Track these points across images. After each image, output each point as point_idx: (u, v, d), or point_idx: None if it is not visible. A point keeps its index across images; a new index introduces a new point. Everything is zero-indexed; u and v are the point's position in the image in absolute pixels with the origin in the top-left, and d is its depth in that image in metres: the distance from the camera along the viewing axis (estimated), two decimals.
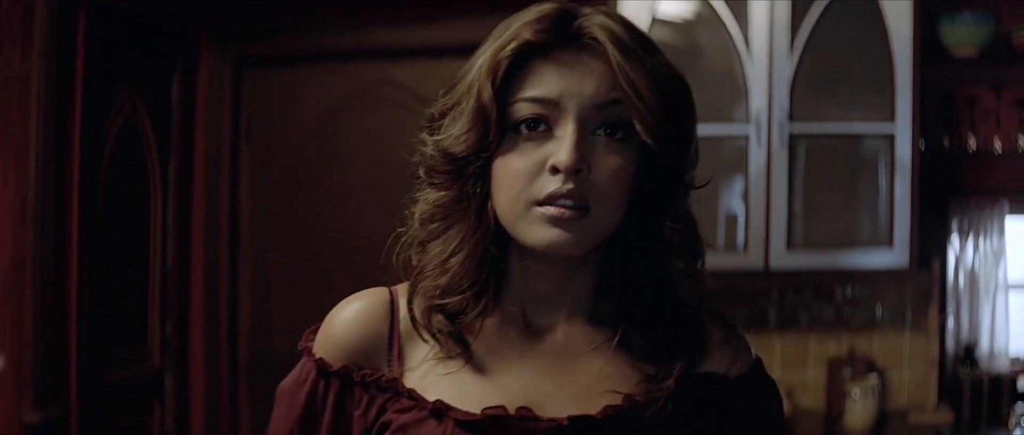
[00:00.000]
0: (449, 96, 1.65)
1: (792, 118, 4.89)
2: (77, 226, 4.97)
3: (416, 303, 1.68)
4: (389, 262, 1.72)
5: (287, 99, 6.60)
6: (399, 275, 1.72)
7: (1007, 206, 5.94)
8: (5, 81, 4.61)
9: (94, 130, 5.22)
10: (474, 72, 1.62)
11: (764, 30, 4.89)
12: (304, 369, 1.72)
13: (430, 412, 1.62)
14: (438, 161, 1.66)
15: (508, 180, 1.58)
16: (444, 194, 1.65)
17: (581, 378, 1.66)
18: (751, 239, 4.90)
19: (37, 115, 4.67)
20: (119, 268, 5.63)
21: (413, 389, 1.65)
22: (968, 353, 5.68)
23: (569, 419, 1.60)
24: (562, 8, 1.63)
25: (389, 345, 1.70)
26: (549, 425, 1.60)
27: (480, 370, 1.67)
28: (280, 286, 6.69)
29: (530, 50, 1.60)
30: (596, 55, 1.59)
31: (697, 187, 1.69)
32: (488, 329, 1.68)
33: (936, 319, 5.62)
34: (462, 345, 1.66)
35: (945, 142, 5.57)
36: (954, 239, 5.93)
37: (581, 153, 1.54)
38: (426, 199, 1.67)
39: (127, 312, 5.77)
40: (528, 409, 1.62)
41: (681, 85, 1.64)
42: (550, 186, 1.54)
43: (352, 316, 1.72)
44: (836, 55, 5.07)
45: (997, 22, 5.60)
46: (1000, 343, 5.97)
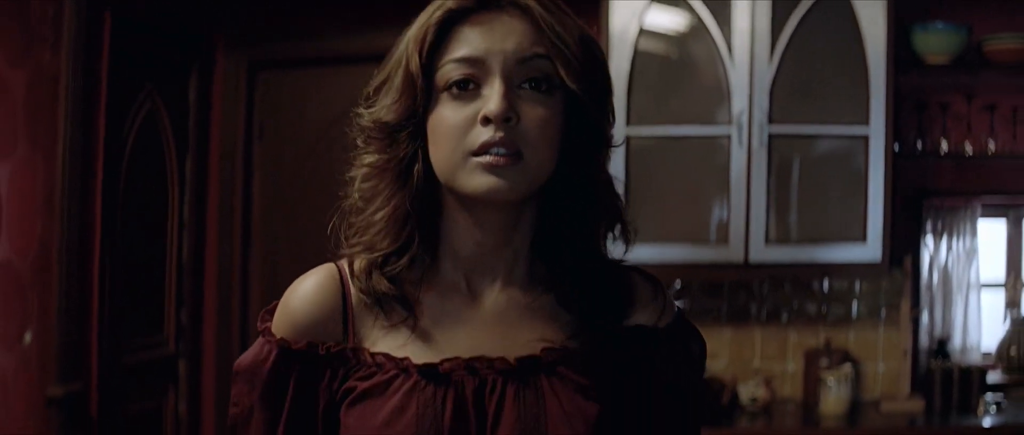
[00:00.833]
0: (382, 71, 1.74)
1: (771, 120, 5.09)
2: (100, 216, 5.11)
3: (356, 266, 1.75)
4: (334, 231, 1.78)
5: (298, 100, 6.82)
6: (342, 243, 1.78)
7: (979, 208, 6.15)
8: (35, 78, 4.72)
9: (117, 126, 5.38)
10: (403, 44, 1.71)
11: (746, 38, 5.08)
12: (263, 348, 1.75)
13: (393, 370, 1.68)
14: (372, 130, 1.73)
15: (443, 136, 1.66)
16: (377, 158, 1.72)
17: (522, 334, 1.73)
18: (732, 234, 5.08)
19: (65, 111, 4.80)
20: (138, 257, 5.79)
21: (376, 352, 1.70)
22: (941, 347, 5.90)
23: (516, 360, 1.69)
24: None
25: (344, 317, 1.74)
26: (501, 365, 1.68)
27: (428, 334, 1.72)
28: (289, 278, 6.72)
29: (454, 17, 1.69)
30: (516, 15, 1.69)
31: (616, 146, 1.80)
32: (431, 299, 1.74)
33: (908, 313, 5.81)
34: (407, 308, 1.72)
35: (918, 145, 5.73)
36: (928, 238, 6.11)
37: (509, 103, 1.62)
38: (361, 163, 1.74)
39: (145, 299, 5.94)
40: (481, 357, 1.71)
41: (593, 40, 1.75)
42: (483, 136, 1.62)
43: (307, 293, 1.77)
44: (813, 61, 5.26)
45: (969, 31, 5.79)
46: (972, 338, 6.19)
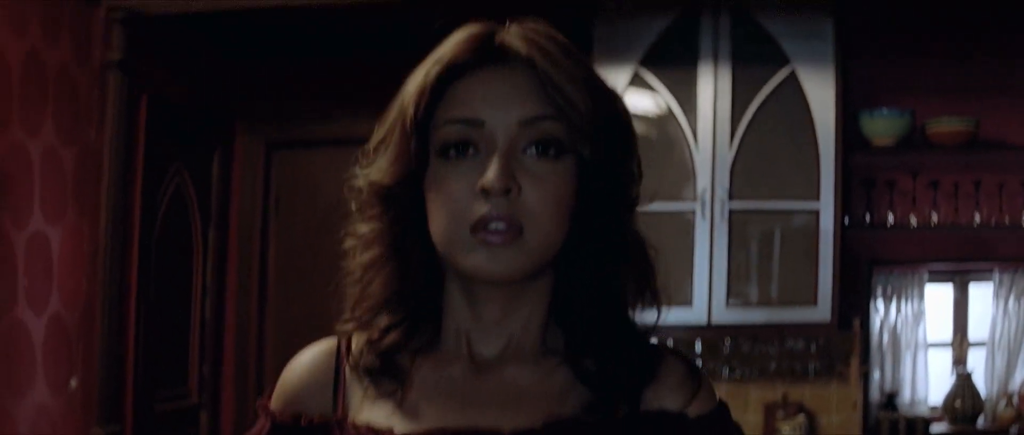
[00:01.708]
0: (380, 128, 1.62)
1: (731, 197, 5.49)
2: (136, 277, 5.38)
3: (355, 340, 1.65)
4: (336, 302, 1.70)
5: (310, 177, 7.14)
6: (344, 315, 1.68)
7: (926, 274, 6.58)
8: (83, 154, 4.94)
9: (151, 198, 5.67)
10: (400, 100, 1.59)
11: (709, 123, 5.47)
12: (258, 425, 1.69)
13: None
14: (368, 193, 1.62)
15: (440, 207, 1.52)
16: (372, 226, 1.62)
17: (526, 408, 1.55)
18: (695, 297, 5.45)
19: (107, 183, 5.07)
20: (167, 315, 6.07)
21: (354, 422, 1.59)
22: (890, 400, 6.28)
23: (511, 431, 1.52)
24: (484, 26, 1.58)
25: (334, 389, 1.64)
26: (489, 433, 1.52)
27: (417, 406, 1.58)
28: (301, 338, 6.91)
29: (454, 72, 1.54)
30: (521, 70, 1.53)
31: (640, 207, 1.63)
32: (428, 370, 1.61)
33: (858, 370, 6.18)
34: (396, 382, 1.60)
35: (867, 218, 6.11)
36: (879, 302, 6.53)
37: (507, 173, 1.47)
38: (358, 232, 1.64)
39: (172, 354, 6.23)
40: (471, 428, 1.55)
41: (613, 94, 1.59)
42: (481, 209, 1.47)
43: (299, 366, 1.70)
44: (770, 143, 5.66)
45: (912, 115, 6.21)
46: (920, 393, 6.58)
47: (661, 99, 5.79)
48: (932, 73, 6.61)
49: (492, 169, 1.45)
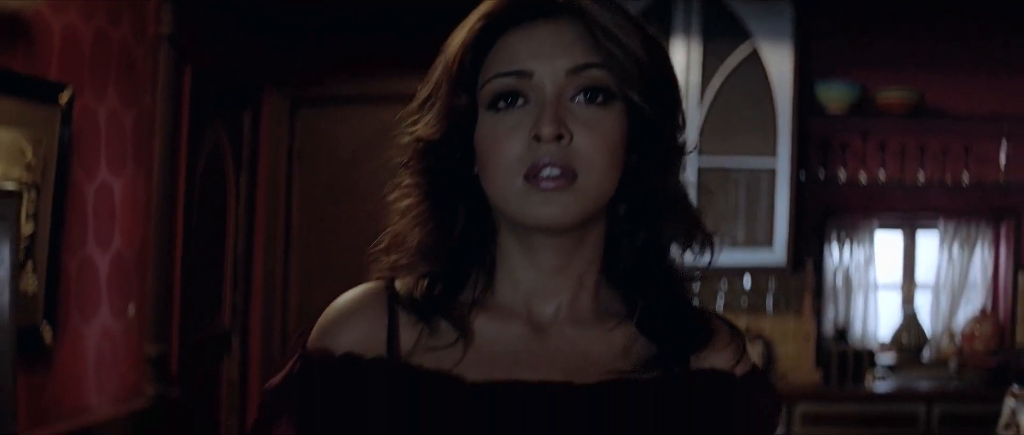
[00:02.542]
0: (425, 86, 1.57)
1: (700, 153, 6.05)
2: (181, 219, 5.69)
3: (399, 284, 1.57)
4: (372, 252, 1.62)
5: (329, 133, 7.67)
6: (383, 264, 1.62)
7: (875, 224, 7.17)
8: (140, 114, 5.19)
9: (194, 151, 5.99)
10: (445, 57, 1.54)
11: (681, 91, 6.12)
12: (290, 364, 1.58)
13: (442, 387, 1.48)
14: (416, 150, 1.57)
15: (491, 158, 1.49)
16: (419, 179, 1.56)
17: (588, 365, 1.52)
18: None
19: (159, 139, 5.37)
20: (206, 252, 6.41)
21: (420, 366, 1.51)
22: (841, 334, 6.87)
23: (580, 388, 1.48)
24: None
25: (389, 333, 1.55)
26: (563, 392, 1.48)
27: (482, 358, 1.52)
28: (320, 273, 7.57)
29: (498, 25, 1.51)
30: (566, 20, 1.50)
31: (687, 152, 1.59)
32: (487, 323, 1.55)
33: (811, 306, 6.75)
34: (457, 330, 1.53)
35: (821, 175, 6.65)
36: (834, 248, 7.10)
37: (559, 121, 1.44)
38: (405, 187, 1.58)
39: (210, 285, 6.64)
40: (542, 382, 1.50)
41: (659, 43, 1.55)
42: (533, 156, 1.44)
43: (345, 304, 1.60)
44: (734, 109, 6.22)
45: (863, 87, 6.80)
46: (870, 328, 7.17)
47: None
48: (881, 48, 7.18)
49: (544, 118, 1.43)
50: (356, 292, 1.60)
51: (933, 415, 6.40)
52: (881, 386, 6.81)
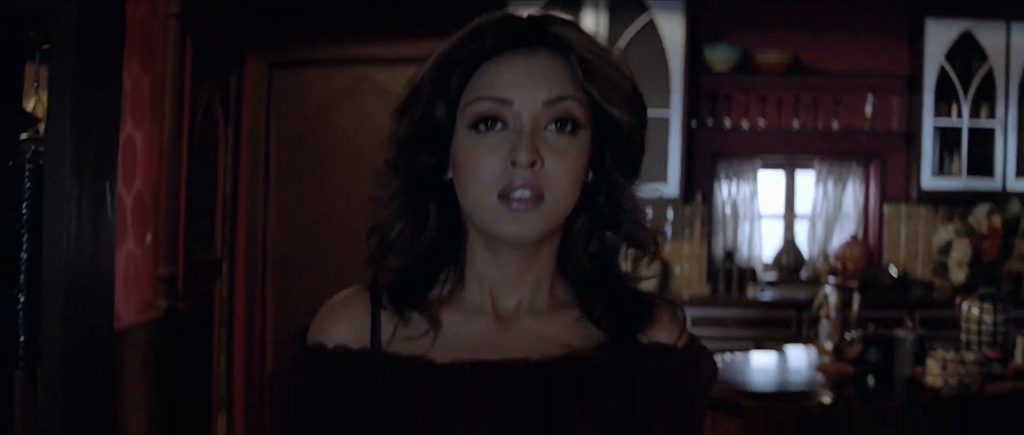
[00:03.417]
0: (409, 87, 1.62)
1: None
2: (185, 164, 6.10)
3: (383, 286, 1.67)
4: (365, 246, 1.68)
5: (303, 90, 8.21)
6: (371, 260, 1.69)
7: (759, 163, 7.95)
8: (155, 79, 5.55)
9: (193, 108, 6.43)
10: (431, 70, 1.60)
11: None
12: (300, 358, 1.67)
13: (414, 370, 1.59)
14: (397, 150, 1.64)
15: (470, 175, 1.56)
16: (398, 180, 1.63)
17: (545, 348, 1.63)
18: None
19: (168, 100, 5.79)
20: (202, 191, 6.85)
21: (395, 352, 1.62)
22: (729, 256, 7.62)
23: (538, 364, 1.60)
24: (516, 17, 1.61)
25: (372, 327, 1.65)
26: (522, 369, 1.59)
27: (449, 345, 1.64)
28: (295, 210, 8.25)
29: (486, 54, 1.58)
30: (546, 53, 1.59)
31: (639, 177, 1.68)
32: (455, 316, 1.67)
33: (702, 232, 7.55)
34: (427, 323, 1.64)
35: (710, 123, 7.46)
36: (723, 184, 7.85)
37: (533, 148, 1.52)
38: (387, 185, 1.65)
39: (205, 218, 7.06)
40: (502, 360, 1.61)
41: (630, 76, 1.64)
42: (507, 178, 1.53)
43: (335, 305, 1.70)
44: (635, 69, 6.73)
45: (744, 49, 7.58)
46: (755, 252, 7.95)
47: None
48: (760, 15, 7.98)
49: (521, 144, 1.51)
50: (345, 293, 1.71)
51: (804, 319, 6.97)
52: (763, 296, 7.60)
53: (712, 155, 7.86)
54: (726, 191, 8.18)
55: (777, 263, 8.09)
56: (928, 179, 7.96)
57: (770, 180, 8.53)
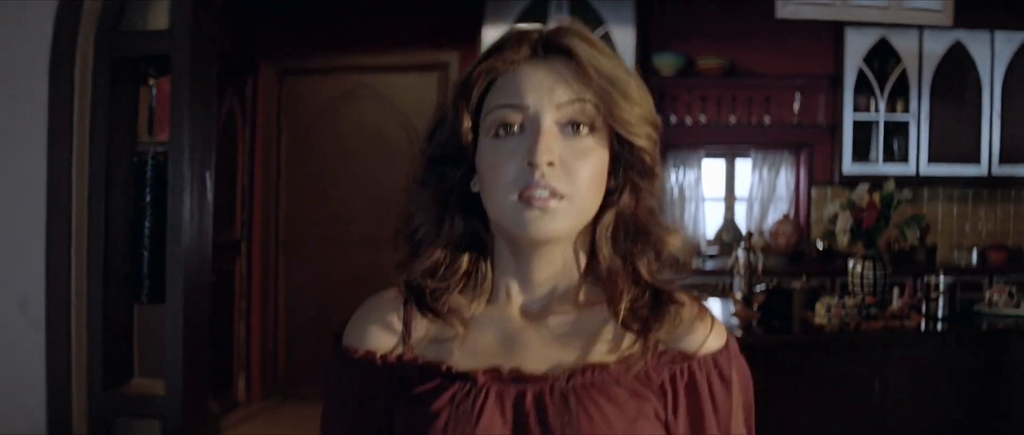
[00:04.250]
0: (439, 111, 1.66)
1: None
2: (213, 161, 5.89)
3: (416, 289, 1.67)
4: (392, 252, 1.69)
5: (308, 93, 8.81)
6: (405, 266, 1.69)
7: (703, 153, 8.72)
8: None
9: (219, 109, 7.18)
10: (455, 91, 1.62)
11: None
12: (333, 359, 1.74)
13: (436, 378, 1.61)
14: (427, 166, 1.66)
15: (492, 179, 1.56)
16: (429, 192, 1.65)
17: (570, 353, 1.62)
18: None
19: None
20: (225, 180, 7.56)
21: (423, 361, 1.64)
22: None
23: (557, 374, 1.58)
24: (529, 28, 1.63)
25: (403, 330, 1.68)
26: (541, 378, 1.58)
27: (476, 348, 1.64)
28: (304, 196, 8.82)
29: (504, 67, 1.59)
30: (561, 60, 1.58)
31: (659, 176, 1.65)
32: (485, 317, 1.67)
33: None
34: (455, 326, 1.64)
35: (659, 120, 8.25)
36: (670, 171, 8.41)
37: (549, 149, 1.51)
38: (416, 198, 1.67)
39: (227, 204, 7.77)
40: (521, 368, 1.60)
41: (640, 80, 1.63)
42: (527, 178, 1.51)
43: (370, 309, 1.73)
44: None
45: (687, 55, 8.34)
46: (700, 230, 8.53)
47: None
48: (701, 26, 8.54)
49: (537, 146, 1.51)
50: (380, 296, 1.72)
51: (755, 292, 7.03)
52: (706, 266, 8.15)
53: (661, 147, 8.11)
54: (674, 177, 8.67)
55: (718, 239, 8.70)
56: (848, 165, 8.41)
57: (712, 167, 9.01)
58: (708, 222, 8.79)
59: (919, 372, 5.34)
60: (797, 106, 8.58)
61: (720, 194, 9.12)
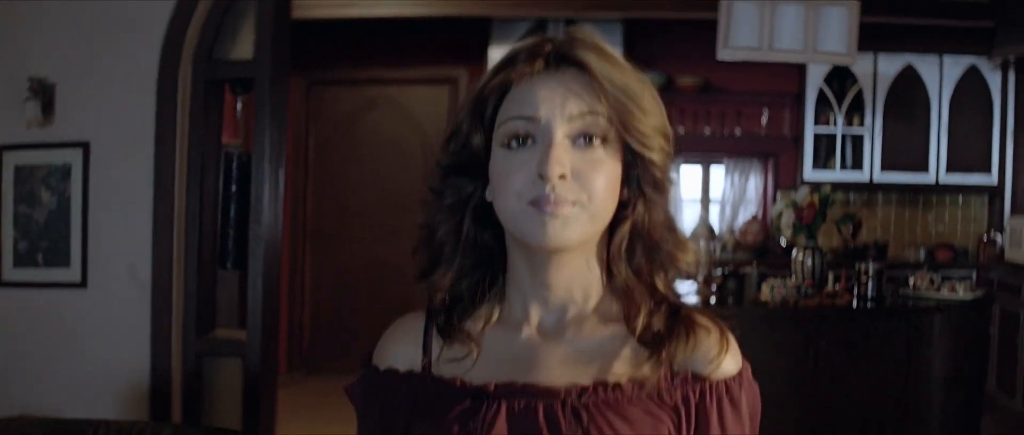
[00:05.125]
0: (454, 123, 1.63)
1: None
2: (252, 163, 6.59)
3: (435, 309, 1.68)
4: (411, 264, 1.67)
5: (334, 103, 9.27)
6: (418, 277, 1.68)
7: (681, 160, 9.11)
8: (246, 100, 6.31)
9: None
10: (469, 103, 1.60)
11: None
12: (361, 377, 1.74)
13: (450, 391, 1.59)
14: (441, 177, 1.64)
15: (505, 188, 1.53)
16: (444, 203, 1.64)
17: (584, 368, 1.59)
18: None
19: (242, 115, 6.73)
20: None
21: (438, 376, 1.63)
22: None
23: (569, 389, 1.54)
24: (541, 40, 1.59)
25: (424, 347, 1.68)
26: (553, 393, 1.54)
27: (489, 363, 1.62)
28: (329, 194, 9.27)
29: (516, 78, 1.56)
30: (573, 72, 1.55)
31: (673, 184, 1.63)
32: (499, 332, 1.65)
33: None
34: (470, 343, 1.63)
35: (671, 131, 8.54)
36: None
37: (560, 160, 1.48)
38: (432, 208, 1.65)
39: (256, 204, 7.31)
40: (533, 383, 1.56)
41: (652, 90, 1.60)
42: (539, 190, 1.48)
43: (395, 329, 1.74)
44: None
45: (667, 74, 8.93)
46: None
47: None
48: (679, 49, 9.08)
49: (549, 158, 1.47)
50: (405, 318, 1.74)
51: (714, 275, 7.09)
52: None
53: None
54: None
55: (695, 237, 8.64)
56: (810, 172, 8.97)
57: (689, 173, 9.55)
58: (686, 222, 9.18)
59: (848, 342, 6.37)
60: (765, 120, 9.17)
61: (697, 196, 9.68)
